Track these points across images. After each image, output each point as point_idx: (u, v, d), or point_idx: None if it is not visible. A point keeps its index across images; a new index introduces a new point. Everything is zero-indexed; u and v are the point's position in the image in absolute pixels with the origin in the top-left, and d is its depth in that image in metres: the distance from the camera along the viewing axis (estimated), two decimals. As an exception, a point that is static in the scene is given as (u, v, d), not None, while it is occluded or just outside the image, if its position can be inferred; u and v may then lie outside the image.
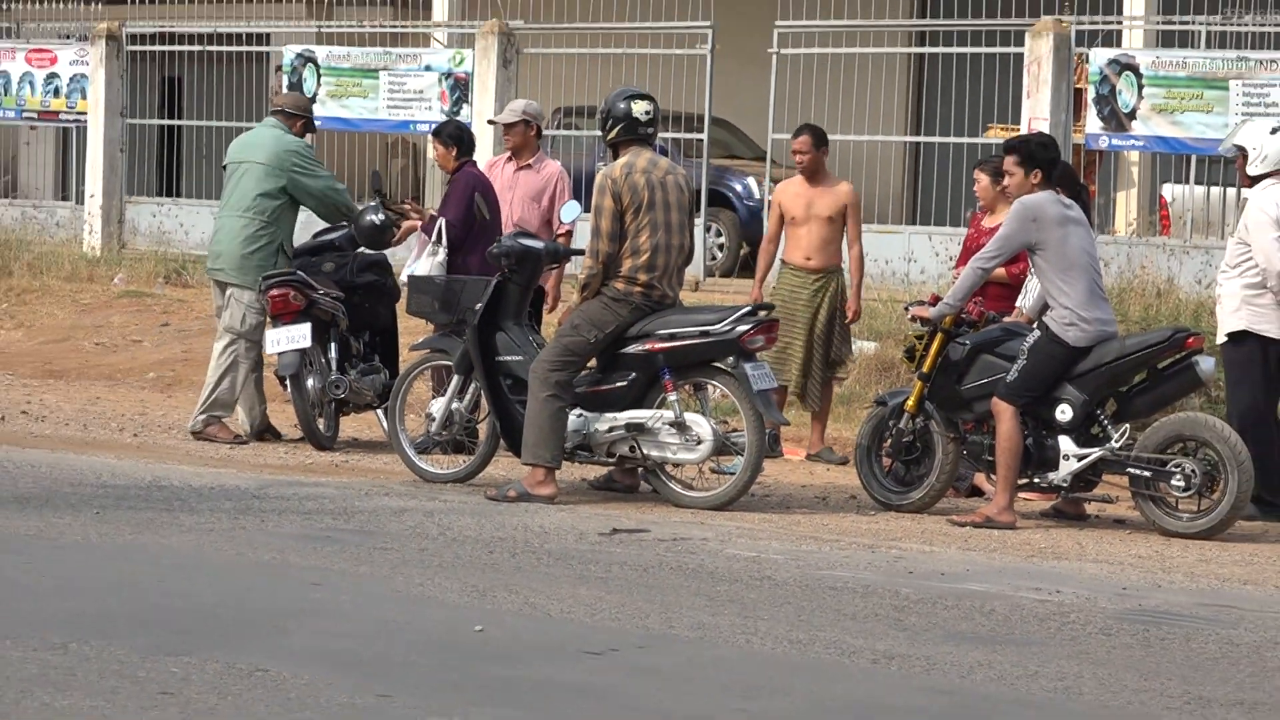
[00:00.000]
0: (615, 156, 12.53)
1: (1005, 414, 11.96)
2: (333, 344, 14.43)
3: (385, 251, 15.04)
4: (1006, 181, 12.50)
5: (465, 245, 13.99)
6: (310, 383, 14.30)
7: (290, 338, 14.19)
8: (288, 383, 14.36)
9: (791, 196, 14.66)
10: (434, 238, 13.95)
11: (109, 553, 10.12)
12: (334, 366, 14.39)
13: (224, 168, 14.88)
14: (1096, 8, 20.73)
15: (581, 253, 12.76)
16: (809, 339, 14.37)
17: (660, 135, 13.49)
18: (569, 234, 14.29)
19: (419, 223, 14.66)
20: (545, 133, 16.26)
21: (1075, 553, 11.33)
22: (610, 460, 12.60)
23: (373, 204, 14.71)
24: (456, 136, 14.62)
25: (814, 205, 14.53)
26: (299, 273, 14.38)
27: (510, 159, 14.82)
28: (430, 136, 16.51)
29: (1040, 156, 12.42)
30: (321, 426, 14.43)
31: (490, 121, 17.55)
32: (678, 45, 22.92)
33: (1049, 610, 9.50)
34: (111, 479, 12.60)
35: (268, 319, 14.36)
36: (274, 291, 14.21)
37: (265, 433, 14.77)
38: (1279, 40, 19.31)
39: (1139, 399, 12.23)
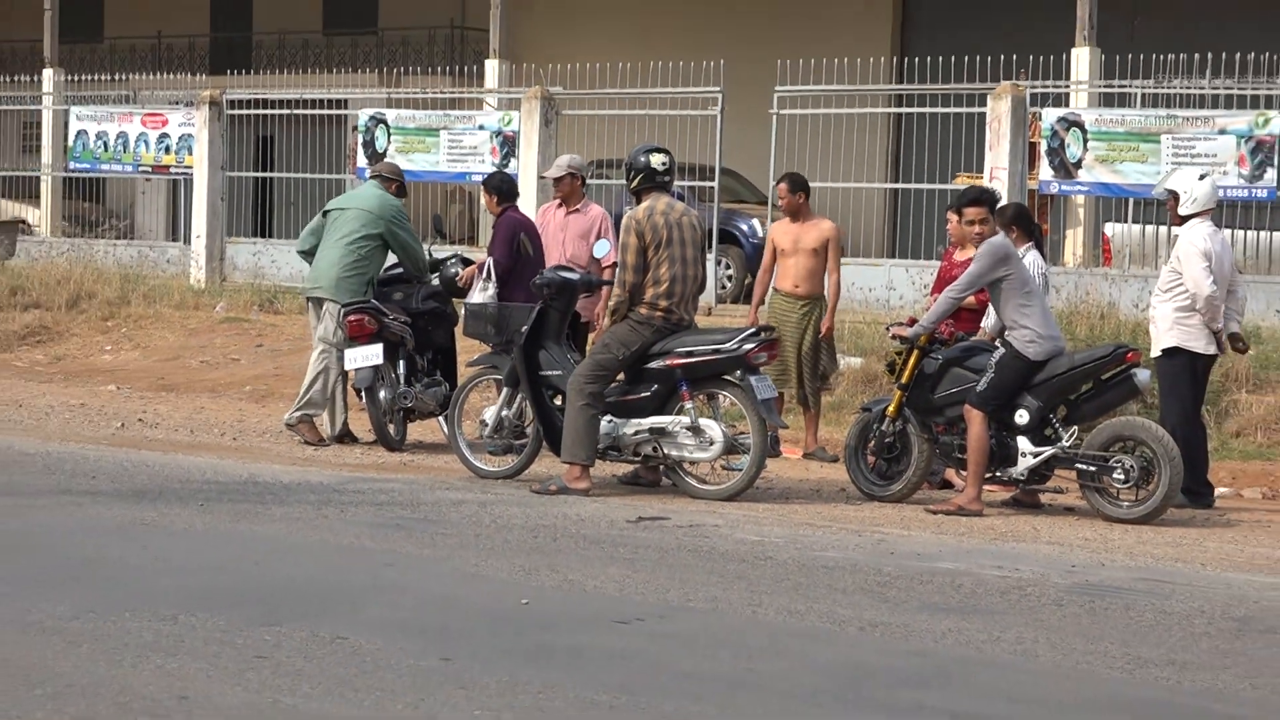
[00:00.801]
0: (639, 201, 12.54)
1: (976, 419, 11.95)
2: (401, 361, 14.48)
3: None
4: (980, 229, 12.35)
5: (512, 277, 14.00)
6: (382, 394, 14.35)
7: (365, 356, 14.25)
8: (364, 394, 14.41)
9: (782, 233, 14.73)
10: (484, 275, 13.97)
11: (212, 538, 10.14)
12: (402, 380, 14.43)
13: (325, 213, 14.98)
14: (1048, 73, 20.72)
15: (611, 283, 12.80)
16: (798, 355, 14.38)
17: (677, 183, 13.49)
18: (613, 266, 14.28)
19: (477, 266, 14.70)
20: (580, 181, 16.24)
21: (1031, 536, 11.31)
22: (636, 459, 12.60)
23: (454, 258, 14.94)
24: (497, 186, 14.76)
25: (801, 240, 14.57)
26: (373, 301, 14.46)
27: (560, 205, 14.82)
28: (481, 186, 16.56)
29: (996, 206, 12.55)
30: (392, 431, 14.46)
31: (541, 176, 17.48)
32: (692, 107, 22.95)
33: (1009, 585, 9.48)
34: (214, 476, 12.63)
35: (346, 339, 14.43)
36: (351, 317, 14.29)
37: (345, 437, 14.81)
38: (1203, 100, 19.29)
39: (1085, 405, 12.21)
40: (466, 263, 15.03)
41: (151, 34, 38.73)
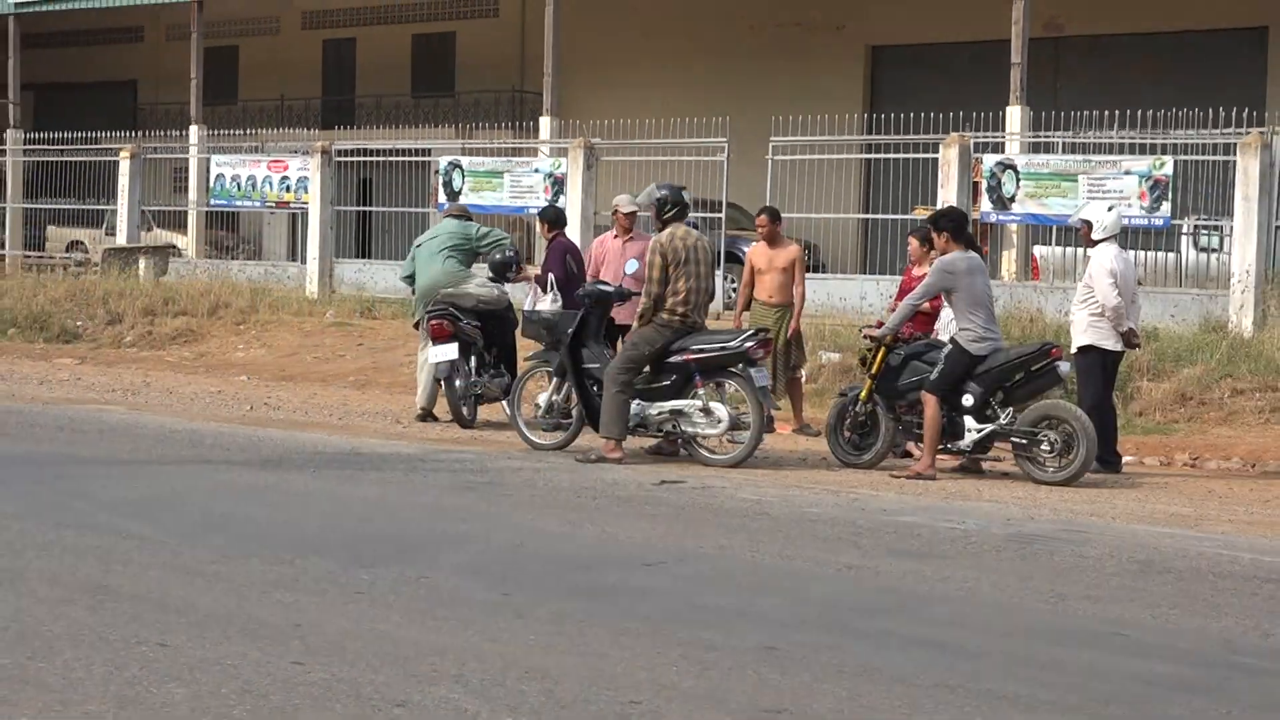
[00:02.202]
0: (663, 228, 12.50)
1: (930, 402, 11.91)
2: (473, 357, 14.45)
3: (507, 289, 14.98)
4: (933, 251, 12.39)
5: (561, 290, 13.95)
6: (458, 383, 14.33)
7: (444, 352, 14.24)
8: (443, 383, 14.39)
9: (758, 254, 14.69)
10: (547, 289, 13.87)
11: (321, 498, 10.13)
12: (473, 372, 14.40)
13: (418, 245, 14.90)
14: (988, 126, 20.67)
15: (630, 295, 12.83)
16: (774, 352, 14.29)
17: (692, 214, 13.43)
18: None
19: (533, 275, 14.63)
20: (611, 212, 16.11)
21: (975, 495, 11.26)
22: (659, 434, 12.57)
23: (508, 250, 14.77)
24: (551, 217, 14.86)
25: (774, 260, 14.53)
26: (451, 308, 14.42)
27: (616, 236, 14.49)
28: (537, 217, 16.49)
29: (943, 225, 12.29)
30: (465, 413, 14.43)
31: (623, 210, 15.80)
32: (704, 154, 22.91)
33: (957, 535, 9.44)
34: (324, 448, 12.63)
35: (429, 340, 14.43)
36: (433, 321, 14.29)
37: (428, 417, 14.78)
38: (1112, 148, 19.21)
39: (1018, 390, 12.15)
40: (514, 252, 14.77)
41: (275, 97, 38.80)
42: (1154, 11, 28.89)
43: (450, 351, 14.23)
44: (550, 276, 14.01)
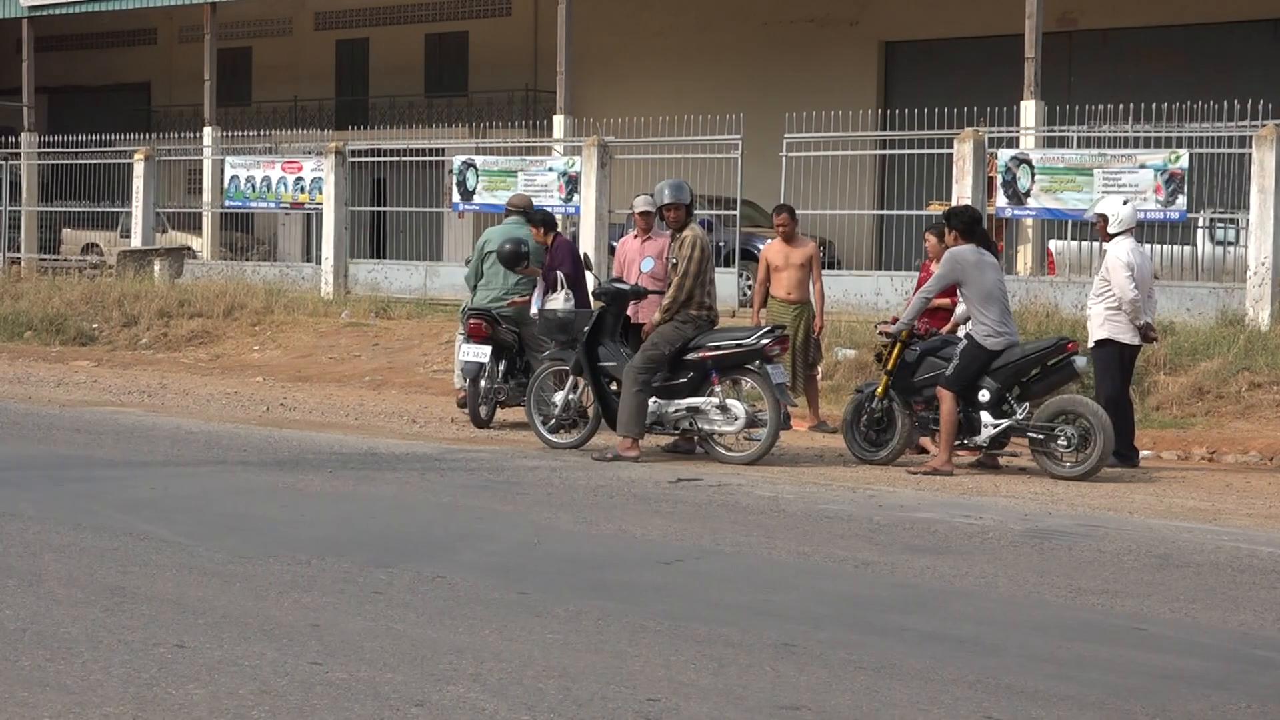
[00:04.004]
0: (683, 228, 12.46)
1: (946, 398, 11.90)
2: (503, 361, 14.37)
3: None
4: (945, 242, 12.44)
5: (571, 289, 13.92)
6: (482, 383, 14.31)
7: (475, 353, 14.24)
8: (468, 380, 14.33)
9: (775, 252, 14.70)
10: (559, 287, 13.79)
11: (338, 498, 10.14)
12: (500, 377, 14.33)
13: (486, 252, 14.60)
14: (1003, 121, 20.63)
15: (646, 293, 12.84)
16: (793, 349, 14.28)
17: (707, 212, 13.44)
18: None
19: (539, 271, 14.55)
20: (625, 211, 16.06)
21: (992, 491, 11.24)
22: (676, 432, 12.57)
23: (521, 241, 14.51)
24: (543, 220, 14.46)
25: (790, 257, 14.54)
26: (491, 310, 14.40)
27: (635, 236, 14.40)
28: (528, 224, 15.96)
29: (953, 223, 12.28)
30: (483, 413, 14.39)
31: (639, 210, 15.73)
32: (718, 151, 22.89)
33: (974, 530, 9.43)
34: (340, 449, 12.64)
35: (464, 337, 14.42)
36: (472, 321, 14.31)
37: (465, 405, 14.59)
38: (1127, 141, 19.17)
39: (1035, 385, 12.14)
40: (523, 244, 14.52)
41: (289, 98, 38.88)
42: (1168, 5, 28.83)
43: (482, 354, 14.22)
44: (559, 274, 13.98)
